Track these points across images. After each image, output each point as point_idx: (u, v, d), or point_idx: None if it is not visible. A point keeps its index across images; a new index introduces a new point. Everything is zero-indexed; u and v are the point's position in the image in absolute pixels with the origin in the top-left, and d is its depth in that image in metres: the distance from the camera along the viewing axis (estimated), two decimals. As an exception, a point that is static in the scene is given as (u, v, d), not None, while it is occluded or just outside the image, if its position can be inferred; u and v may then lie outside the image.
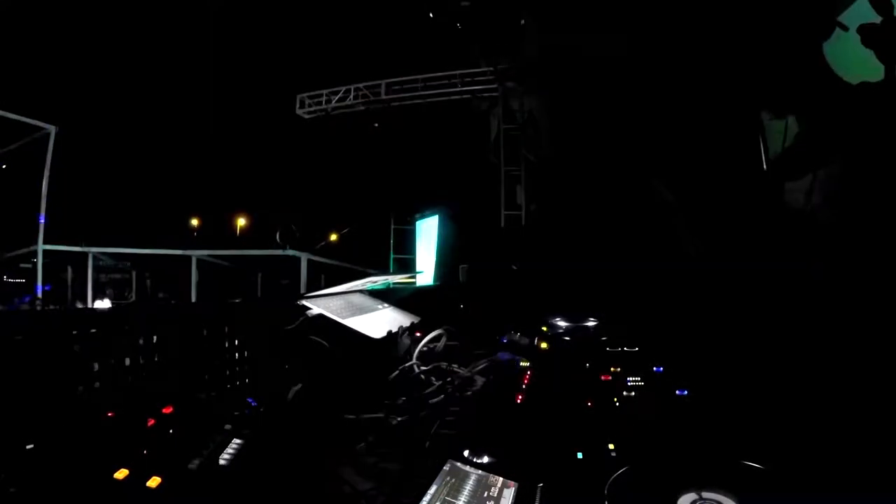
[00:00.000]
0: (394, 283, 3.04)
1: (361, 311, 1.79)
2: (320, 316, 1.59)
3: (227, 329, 1.29)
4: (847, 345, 1.08)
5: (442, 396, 1.25)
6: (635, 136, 6.11)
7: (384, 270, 8.67)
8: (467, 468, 0.80)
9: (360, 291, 2.09)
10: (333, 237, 14.95)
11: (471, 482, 0.77)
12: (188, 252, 8.64)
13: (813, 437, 1.01)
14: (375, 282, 2.34)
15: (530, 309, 2.26)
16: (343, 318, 1.62)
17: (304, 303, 1.63)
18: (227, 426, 0.89)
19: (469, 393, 1.28)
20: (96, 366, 0.97)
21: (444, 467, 0.80)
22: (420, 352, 1.60)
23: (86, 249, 8.50)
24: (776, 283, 1.42)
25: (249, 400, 1.11)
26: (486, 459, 0.83)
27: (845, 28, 1.24)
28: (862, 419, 0.97)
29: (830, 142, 1.07)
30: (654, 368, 1.33)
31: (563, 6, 6.15)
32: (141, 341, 1.07)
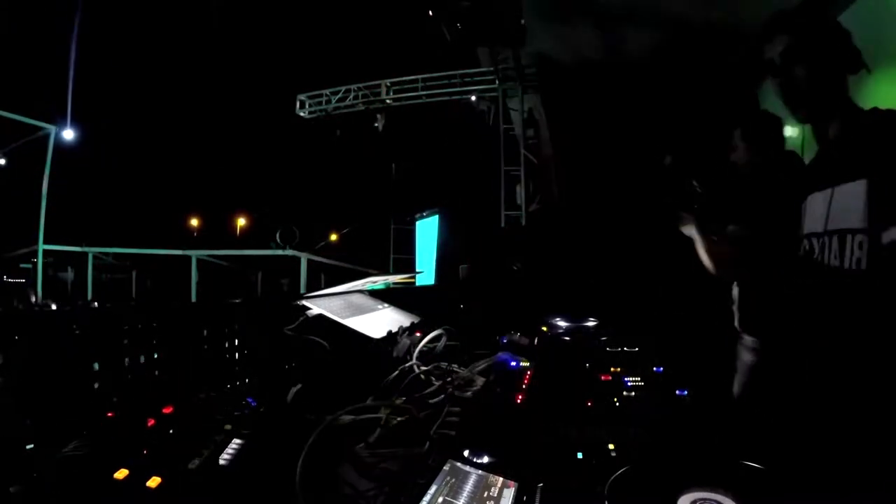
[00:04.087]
0: (394, 283, 3.04)
1: (361, 311, 1.79)
2: (320, 316, 1.59)
3: (227, 329, 1.29)
4: (846, 344, 1.08)
5: (442, 396, 1.25)
6: (636, 135, 6.11)
7: (384, 270, 8.67)
8: (467, 468, 0.80)
9: (360, 291, 2.09)
10: (333, 237, 14.95)
11: (471, 482, 0.77)
12: (188, 252, 8.64)
13: (813, 437, 1.01)
14: (375, 282, 2.34)
15: (530, 309, 2.26)
16: (343, 318, 1.62)
17: (304, 303, 1.63)
18: (227, 426, 0.89)
19: (469, 393, 1.28)
20: (96, 366, 0.97)
21: (444, 467, 0.80)
22: (420, 352, 1.60)
23: (86, 249, 8.50)
24: (776, 283, 1.42)
25: (249, 400, 1.11)
26: (486, 459, 0.83)
27: (869, 70, 1.26)
28: (862, 419, 0.97)
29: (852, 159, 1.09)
30: (655, 368, 1.33)
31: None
32: (141, 341, 1.07)
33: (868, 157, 1.08)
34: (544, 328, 1.97)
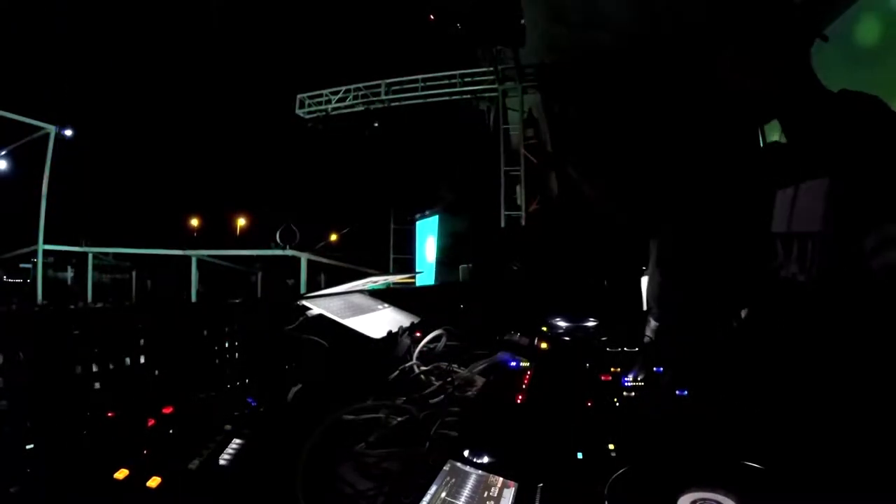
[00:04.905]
0: (394, 283, 3.04)
1: (361, 311, 1.79)
2: (320, 316, 1.59)
3: (227, 329, 1.29)
4: (845, 345, 1.08)
5: (442, 396, 1.25)
6: (634, 137, 6.11)
7: (384, 270, 8.67)
8: (467, 468, 0.80)
9: (360, 291, 2.09)
10: (333, 237, 14.96)
11: (471, 482, 0.77)
12: (188, 252, 8.64)
13: (813, 438, 1.01)
14: (375, 282, 2.34)
15: (530, 309, 2.26)
16: (343, 318, 1.62)
17: (304, 303, 1.63)
18: (227, 426, 0.89)
19: (469, 393, 1.28)
20: (96, 366, 0.97)
21: (444, 467, 0.80)
22: (420, 352, 1.60)
23: (86, 249, 8.51)
24: (775, 285, 1.42)
25: (249, 400, 1.11)
26: (486, 459, 0.83)
27: (825, 39, 1.25)
28: (861, 419, 0.97)
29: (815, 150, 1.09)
30: (655, 368, 1.33)
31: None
32: (141, 341, 1.07)
33: (832, 148, 1.06)
34: (544, 328, 1.97)
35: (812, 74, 1.18)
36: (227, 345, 1.28)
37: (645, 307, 2.21)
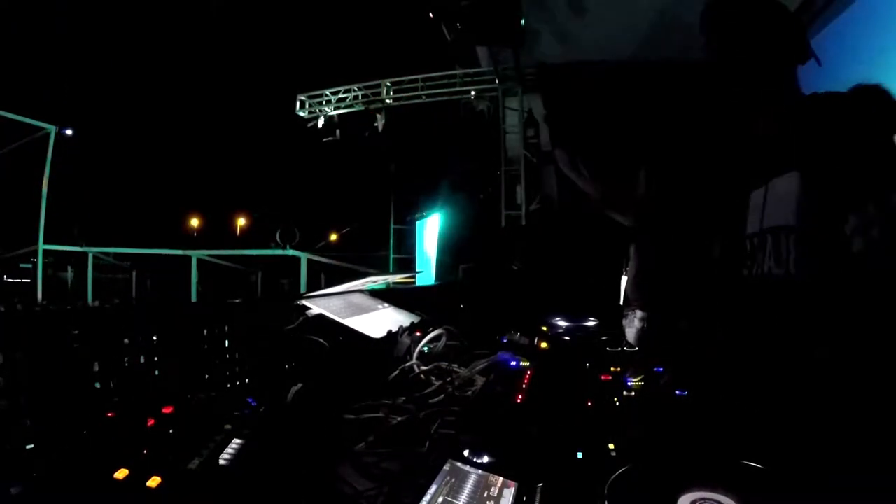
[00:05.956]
0: (394, 283, 3.04)
1: (361, 311, 1.79)
2: (320, 316, 1.59)
3: (227, 329, 1.29)
4: (844, 345, 1.08)
5: (442, 396, 1.25)
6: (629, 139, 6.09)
7: (384, 270, 8.67)
8: (467, 468, 0.80)
9: (360, 291, 2.09)
10: (333, 237, 14.99)
11: (471, 482, 0.77)
12: (188, 252, 8.64)
13: (813, 437, 1.01)
14: (375, 282, 2.34)
15: (530, 309, 2.26)
16: (343, 318, 1.62)
17: (304, 303, 1.63)
18: (227, 426, 0.89)
19: (469, 393, 1.28)
20: (96, 366, 0.97)
21: (444, 467, 0.80)
22: (420, 352, 1.60)
23: (86, 249, 8.51)
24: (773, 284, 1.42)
25: (249, 400, 1.11)
26: (486, 459, 0.83)
27: (819, 63, 1.28)
28: (861, 418, 0.97)
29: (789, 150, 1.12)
30: (655, 368, 1.33)
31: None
32: (141, 341, 1.07)
33: (800, 146, 1.08)
34: (544, 328, 1.97)
35: (796, 84, 1.21)
36: (227, 345, 1.28)
37: (622, 301, 2.22)
